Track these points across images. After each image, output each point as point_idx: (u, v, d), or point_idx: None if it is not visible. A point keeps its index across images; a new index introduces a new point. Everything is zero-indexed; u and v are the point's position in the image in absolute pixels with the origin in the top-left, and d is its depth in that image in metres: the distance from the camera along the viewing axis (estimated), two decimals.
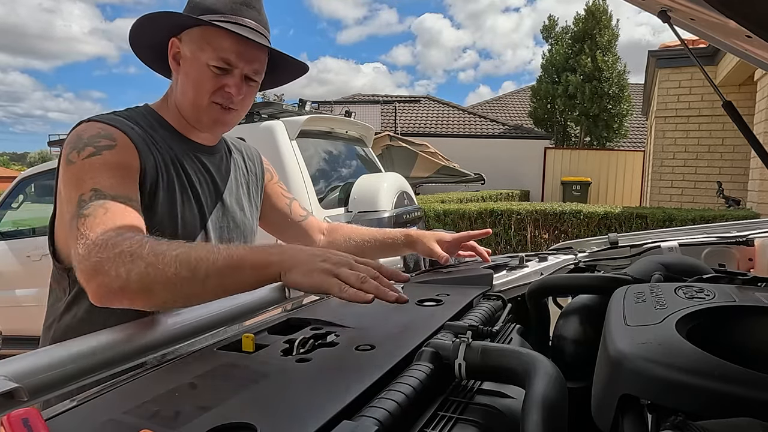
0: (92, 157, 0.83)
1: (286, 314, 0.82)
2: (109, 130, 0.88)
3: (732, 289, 0.68)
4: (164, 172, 0.93)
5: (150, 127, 0.96)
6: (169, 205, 0.93)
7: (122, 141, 0.87)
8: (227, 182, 1.07)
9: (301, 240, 1.25)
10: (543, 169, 13.95)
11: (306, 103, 3.71)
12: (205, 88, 0.93)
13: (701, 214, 5.61)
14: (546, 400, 0.47)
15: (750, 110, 6.29)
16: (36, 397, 0.56)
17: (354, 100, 16.23)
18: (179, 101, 0.98)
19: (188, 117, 0.99)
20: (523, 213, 6.23)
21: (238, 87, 0.95)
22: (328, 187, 3.43)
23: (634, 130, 16.62)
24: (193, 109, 0.97)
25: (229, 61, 0.92)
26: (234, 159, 1.12)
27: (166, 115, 1.00)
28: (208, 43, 0.91)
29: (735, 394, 0.42)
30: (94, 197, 0.79)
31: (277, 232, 1.27)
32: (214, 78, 0.93)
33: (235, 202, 1.08)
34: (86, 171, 0.82)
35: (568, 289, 0.98)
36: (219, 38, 0.91)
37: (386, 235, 1.26)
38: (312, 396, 0.50)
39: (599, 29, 14.28)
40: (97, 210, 0.77)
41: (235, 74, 0.94)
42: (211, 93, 0.94)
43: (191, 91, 0.95)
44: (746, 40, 0.73)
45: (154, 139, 0.94)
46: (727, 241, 1.38)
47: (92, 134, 0.86)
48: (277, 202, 1.23)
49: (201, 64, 0.92)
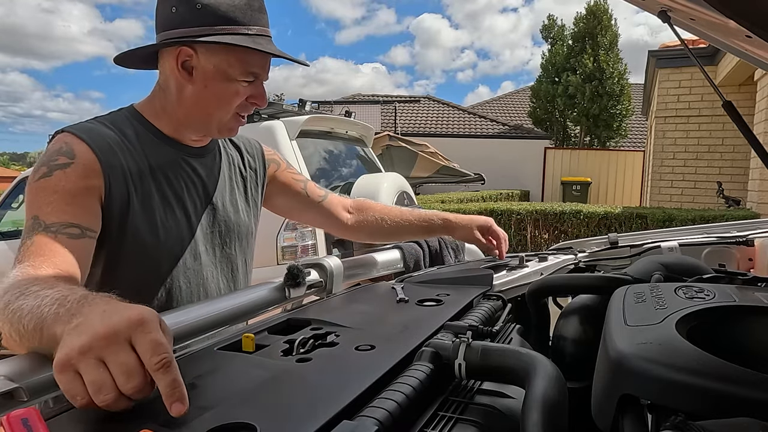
0: (42, 179, 0.82)
1: (286, 314, 0.82)
2: (72, 146, 0.85)
3: (732, 289, 0.68)
4: (138, 183, 0.89)
5: (133, 132, 0.93)
6: (145, 215, 0.90)
7: (82, 157, 0.84)
8: (219, 183, 1.04)
9: (326, 220, 1.24)
10: (543, 169, 13.95)
11: (306, 103, 3.71)
12: (234, 102, 0.92)
13: (701, 214, 5.61)
14: (546, 400, 0.47)
15: (750, 110, 6.29)
16: (36, 397, 0.56)
17: (354, 100, 16.23)
18: (189, 110, 0.94)
19: (196, 126, 0.96)
20: (523, 213, 6.23)
21: (264, 96, 0.95)
22: (328, 187, 3.43)
23: (634, 130, 16.62)
24: (209, 121, 0.94)
25: (257, 75, 0.92)
26: (229, 156, 1.09)
27: (153, 117, 0.96)
28: (237, 58, 0.89)
29: (735, 394, 0.42)
30: (31, 227, 0.78)
31: (299, 215, 1.26)
32: (242, 90, 0.92)
33: (229, 203, 1.05)
34: (34, 194, 0.81)
35: (568, 289, 0.97)
36: (247, 53, 0.89)
37: (422, 218, 1.26)
38: (312, 396, 0.50)
39: (600, 29, 14.28)
40: (25, 243, 0.77)
41: (258, 84, 0.94)
42: (238, 105, 0.93)
43: (214, 104, 0.92)
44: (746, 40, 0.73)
45: (132, 147, 0.91)
46: (727, 241, 1.38)
47: (53, 150, 0.85)
48: (292, 188, 1.21)
49: (230, 79, 0.90)
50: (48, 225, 0.78)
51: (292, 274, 0.98)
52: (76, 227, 0.80)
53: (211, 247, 1.02)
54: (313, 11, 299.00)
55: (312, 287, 1.03)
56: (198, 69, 0.90)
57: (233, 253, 1.07)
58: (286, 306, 0.97)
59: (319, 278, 1.05)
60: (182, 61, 0.90)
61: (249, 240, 1.12)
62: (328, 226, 1.28)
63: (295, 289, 0.97)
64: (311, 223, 1.25)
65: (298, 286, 0.98)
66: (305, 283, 0.99)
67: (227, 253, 1.05)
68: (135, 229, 0.88)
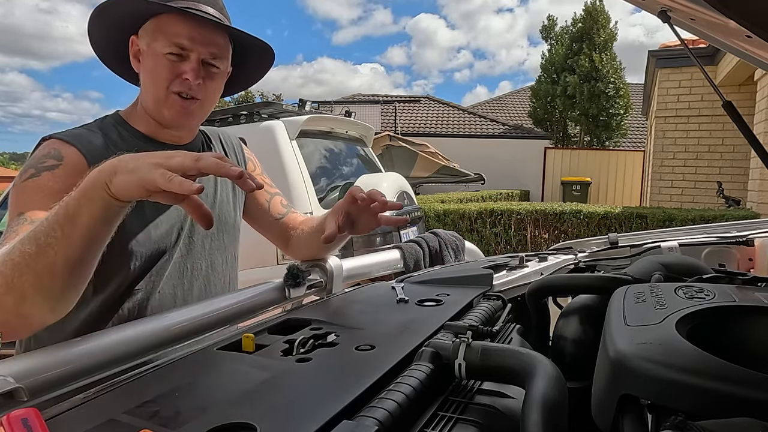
0: (30, 180, 0.82)
1: (286, 314, 0.82)
2: (60, 149, 0.86)
3: (732, 289, 0.68)
4: None
5: (117, 135, 0.94)
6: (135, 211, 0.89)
7: (70, 159, 0.85)
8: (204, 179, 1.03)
9: (275, 239, 1.19)
10: (543, 169, 13.95)
11: (306, 103, 3.72)
12: (161, 76, 0.91)
13: (701, 214, 5.61)
14: (546, 400, 0.47)
15: (750, 110, 6.29)
16: (36, 397, 0.56)
17: (354, 100, 16.24)
18: (143, 100, 0.96)
19: (153, 114, 0.96)
20: (523, 213, 6.23)
21: (195, 72, 0.91)
22: (328, 187, 3.43)
23: (634, 130, 16.63)
24: (155, 104, 0.94)
25: (183, 46, 0.90)
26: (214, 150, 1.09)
27: (135, 120, 0.98)
28: (161, 31, 0.89)
29: (735, 394, 0.42)
30: (15, 223, 0.78)
31: (259, 227, 1.21)
32: (171, 66, 0.90)
33: (214, 198, 1.06)
34: (20, 194, 0.82)
35: (568, 289, 0.97)
36: (171, 24, 0.89)
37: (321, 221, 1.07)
38: (312, 396, 0.50)
39: (597, 29, 14.29)
40: (9, 233, 0.76)
41: (191, 59, 0.91)
42: (169, 82, 0.91)
43: (150, 84, 0.92)
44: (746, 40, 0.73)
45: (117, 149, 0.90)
46: (727, 241, 1.38)
47: (41, 154, 0.86)
48: (257, 197, 1.17)
49: (156, 54, 0.90)
50: (34, 221, 0.78)
51: (292, 274, 0.98)
52: None
53: (199, 239, 1.02)
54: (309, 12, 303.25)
55: (312, 287, 1.03)
56: (141, 54, 0.93)
57: (222, 245, 1.07)
58: (286, 306, 0.97)
59: (319, 278, 1.06)
60: (134, 51, 0.94)
61: (236, 233, 1.12)
62: (277, 243, 1.21)
63: (295, 289, 0.98)
64: (262, 234, 1.21)
65: (298, 286, 0.98)
66: (305, 283, 1.00)
67: (217, 245, 1.06)
68: (125, 225, 0.89)
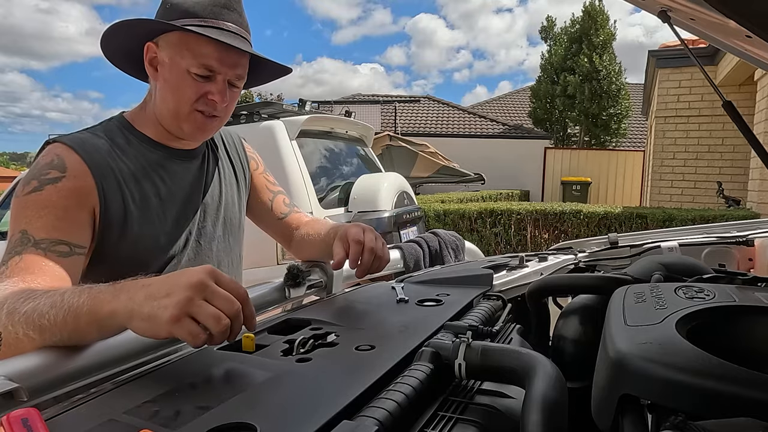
0: (32, 194, 0.81)
1: (286, 314, 0.82)
2: (63, 158, 0.85)
3: (732, 289, 0.68)
4: (133, 187, 0.90)
5: (123, 140, 0.93)
6: (144, 217, 0.90)
7: (74, 170, 0.84)
8: (210, 182, 1.04)
9: (278, 237, 1.21)
10: (543, 169, 13.95)
11: (306, 103, 3.71)
12: (186, 95, 0.90)
13: (701, 214, 5.60)
14: (546, 400, 0.47)
15: (750, 110, 6.29)
16: (36, 397, 0.56)
17: (354, 100, 16.23)
18: (159, 109, 0.94)
19: (168, 125, 0.95)
20: (523, 213, 6.23)
21: (222, 94, 0.91)
22: (328, 186, 3.43)
23: (634, 130, 16.62)
24: (173, 118, 0.93)
25: (212, 68, 0.88)
26: (219, 153, 1.10)
27: (142, 124, 0.97)
28: (188, 48, 0.87)
29: (735, 394, 0.42)
30: (19, 242, 0.77)
31: (261, 225, 1.22)
32: (196, 85, 0.89)
33: (219, 200, 1.06)
34: (23, 209, 0.81)
35: (568, 289, 0.97)
36: (199, 44, 0.87)
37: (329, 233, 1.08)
38: (312, 396, 0.50)
39: (595, 29, 14.29)
40: (13, 258, 0.76)
41: (218, 80, 0.90)
42: (194, 101, 0.90)
43: (171, 99, 0.91)
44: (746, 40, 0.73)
45: (123, 153, 0.91)
46: (727, 241, 1.38)
47: (45, 163, 0.84)
48: (260, 195, 1.18)
49: (181, 70, 0.88)
50: (38, 241, 0.78)
51: (292, 274, 0.98)
52: (65, 245, 0.80)
53: (207, 243, 1.02)
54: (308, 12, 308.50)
55: (312, 287, 1.03)
56: (160, 64, 0.91)
57: (228, 246, 1.08)
58: (286, 306, 0.97)
59: (319, 278, 1.06)
60: (150, 58, 0.91)
61: (241, 233, 1.13)
62: (279, 241, 1.23)
63: (295, 289, 0.98)
64: (265, 231, 1.22)
65: (298, 286, 0.98)
66: (305, 283, 1.00)
67: (223, 247, 1.06)
68: (135, 232, 0.89)
